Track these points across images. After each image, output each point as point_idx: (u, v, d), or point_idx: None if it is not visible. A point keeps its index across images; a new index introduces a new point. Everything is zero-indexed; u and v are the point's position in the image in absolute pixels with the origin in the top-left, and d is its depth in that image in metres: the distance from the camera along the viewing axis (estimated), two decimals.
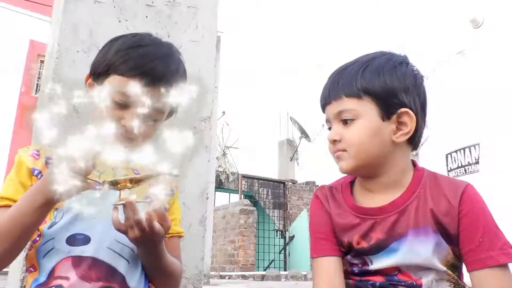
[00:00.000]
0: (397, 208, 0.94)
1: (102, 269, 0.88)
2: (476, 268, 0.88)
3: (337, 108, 0.95)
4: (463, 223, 0.90)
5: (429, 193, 0.94)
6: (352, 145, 0.93)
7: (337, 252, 0.99)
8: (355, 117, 0.93)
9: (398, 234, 0.93)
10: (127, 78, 0.91)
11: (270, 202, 13.47)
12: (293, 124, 15.45)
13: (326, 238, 1.00)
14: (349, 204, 1.00)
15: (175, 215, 1.09)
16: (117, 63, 0.93)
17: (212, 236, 9.00)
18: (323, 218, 1.02)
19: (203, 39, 1.52)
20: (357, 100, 0.93)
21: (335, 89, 0.97)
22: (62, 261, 0.87)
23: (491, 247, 0.88)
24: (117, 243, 0.91)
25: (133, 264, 0.92)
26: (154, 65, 0.94)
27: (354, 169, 0.96)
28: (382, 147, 0.93)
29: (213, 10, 1.58)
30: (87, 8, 1.33)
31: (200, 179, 1.42)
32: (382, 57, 0.98)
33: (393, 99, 0.93)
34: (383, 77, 0.94)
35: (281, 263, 12.94)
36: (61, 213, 0.90)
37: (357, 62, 0.98)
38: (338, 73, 0.99)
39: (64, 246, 0.88)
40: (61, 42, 1.27)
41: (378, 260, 0.95)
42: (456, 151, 3.36)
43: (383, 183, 0.97)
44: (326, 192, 1.06)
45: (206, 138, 1.48)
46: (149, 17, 1.43)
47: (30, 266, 0.91)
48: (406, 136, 0.94)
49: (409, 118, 0.93)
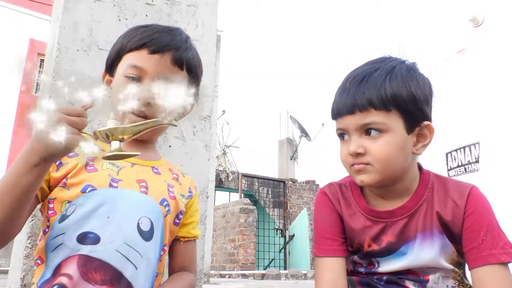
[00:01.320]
0: (408, 212, 0.94)
1: (107, 272, 0.84)
2: (477, 265, 0.89)
3: (363, 120, 0.89)
4: (467, 222, 0.92)
5: (436, 195, 0.95)
6: (380, 159, 0.89)
7: (343, 253, 0.98)
8: (383, 130, 0.89)
9: (408, 238, 0.93)
10: (134, 50, 0.94)
11: (270, 201, 13.47)
12: (293, 123, 15.44)
13: (332, 238, 0.98)
14: (360, 206, 0.98)
15: (194, 218, 1.06)
16: (125, 43, 0.97)
17: (212, 235, 9.00)
18: (331, 217, 1.00)
19: (203, 37, 1.52)
20: (386, 113, 0.89)
21: (361, 99, 0.89)
22: (70, 258, 0.84)
23: (493, 245, 0.89)
24: (126, 246, 0.87)
25: (140, 271, 0.88)
26: (159, 35, 0.96)
27: (377, 183, 0.92)
28: (405, 160, 0.92)
29: (213, 9, 1.58)
30: (87, 7, 1.33)
31: (200, 178, 1.42)
32: (401, 65, 0.94)
33: (418, 112, 0.91)
34: (409, 88, 0.90)
35: (281, 262, 12.95)
36: (73, 207, 0.87)
37: (379, 69, 0.92)
38: (361, 81, 0.92)
39: (74, 243, 0.85)
40: (61, 41, 1.27)
41: (387, 263, 0.95)
42: (456, 150, 3.36)
43: (395, 190, 0.96)
44: (335, 190, 1.03)
45: (206, 137, 1.48)
46: (149, 16, 1.43)
47: (38, 258, 0.89)
48: (425, 148, 0.93)
49: (429, 130, 0.93)
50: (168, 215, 0.96)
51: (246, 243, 11.24)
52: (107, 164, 0.93)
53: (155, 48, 0.93)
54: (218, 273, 9.87)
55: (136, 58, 0.93)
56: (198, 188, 1.42)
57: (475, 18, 3.27)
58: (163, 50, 0.94)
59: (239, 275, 9.56)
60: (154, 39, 0.94)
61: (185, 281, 1.01)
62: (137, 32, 0.97)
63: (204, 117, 1.48)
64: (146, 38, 0.94)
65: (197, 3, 1.54)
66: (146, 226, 0.91)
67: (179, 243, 1.04)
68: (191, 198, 1.06)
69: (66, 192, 0.88)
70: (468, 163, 3.13)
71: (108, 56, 1.01)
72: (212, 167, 7.39)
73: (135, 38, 0.95)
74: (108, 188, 0.90)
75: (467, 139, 3.17)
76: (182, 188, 1.04)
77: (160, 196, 0.95)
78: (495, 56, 3.03)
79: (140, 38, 0.95)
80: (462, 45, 3.36)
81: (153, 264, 0.92)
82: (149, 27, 0.99)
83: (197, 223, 1.08)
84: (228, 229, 11.95)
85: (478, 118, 3.07)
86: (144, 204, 0.92)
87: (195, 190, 1.09)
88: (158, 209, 0.94)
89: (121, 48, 0.97)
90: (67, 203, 0.88)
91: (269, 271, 9.21)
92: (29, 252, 1.14)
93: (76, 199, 0.88)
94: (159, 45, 0.94)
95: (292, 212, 13.32)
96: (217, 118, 9.72)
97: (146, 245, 0.90)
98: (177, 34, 0.99)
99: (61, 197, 0.88)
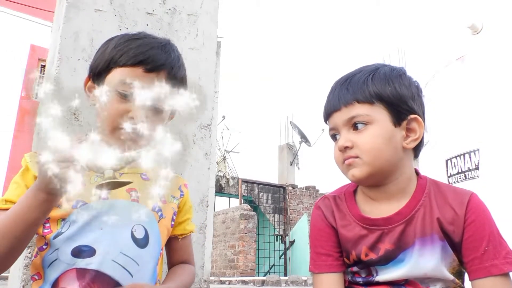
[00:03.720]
0: (404, 217, 0.93)
1: (105, 283, 0.86)
2: (480, 277, 0.88)
3: (348, 114, 0.94)
4: (468, 231, 0.90)
5: (434, 201, 0.94)
6: (366, 150, 0.91)
7: (338, 268, 0.97)
8: (368, 122, 0.92)
9: (406, 244, 0.92)
10: (129, 67, 0.92)
11: (270, 206, 13.44)
12: (293, 129, 15.43)
13: (327, 254, 0.98)
14: (355, 215, 0.98)
15: (188, 215, 1.09)
16: (117, 56, 0.93)
17: (212, 241, 8.97)
18: (325, 232, 1.00)
19: (203, 47, 1.53)
20: (370, 105, 0.92)
21: (345, 95, 0.95)
22: (67, 272, 0.86)
23: (495, 255, 0.88)
24: (122, 255, 0.89)
25: (138, 279, 0.90)
26: (154, 52, 0.94)
27: (367, 177, 0.93)
28: (394, 153, 0.92)
29: (213, 18, 1.59)
30: (88, 16, 1.34)
31: (200, 186, 1.43)
32: (384, 67, 0.98)
33: (403, 105, 0.93)
34: (393, 84, 0.94)
35: (281, 268, 12.89)
36: (67, 224, 0.89)
37: (362, 71, 0.98)
38: (345, 81, 0.98)
39: (68, 257, 0.86)
40: (62, 50, 1.28)
41: (385, 271, 0.94)
42: (456, 157, 3.36)
43: (389, 191, 0.95)
44: (329, 203, 1.03)
45: (206, 146, 1.48)
46: (149, 25, 1.43)
47: (35, 274, 0.90)
48: (415, 142, 0.94)
49: (418, 124, 0.94)
50: (162, 219, 0.98)
51: (246, 249, 11.20)
52: (94, 177, 0.93)
53: (151, 67, 0.92)
54: (218, 280, 9.82)
55: (130, 75, 0.91)
56: (198, 196, 1.42)
57: (474, 26, 3.28)
58: (159, 69, 0.93)
59: (239, 281, 9.52)
60: (150, 56, 0.93)
61: (186, 271, 1.04)
62: (131, 46, 0.94)
63: (204, 126, 1.48)
64: (141, 56, 0.92)
65: (198, 12, 1.55)
66: (140, 233, 0.92)
67: (177, 240, 1.07)
68: (182, 197, 1.07)
69: (58, 211, 0.90)
70: (468, 170, 3.13)
71: (95, 64, 0.98)
72: (212, 175, 7.38)
73: (130, 54, 0.93)
74: (99, 200, 0.91)
75: (467, 146, 3.18)
76: (173, 190, 1.06)
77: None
78: (494, 63, 3.04)
79: (135, 54, 0.92)
80: (461, 52, 3.37)
81: (151, 270, 0.93)
82: (142, 41, 0.96)
83: (191, 219, 1.10)
84: (228, 235, 11.91)
85: (478, 125, 3.07)
86: (136, 212, 0.94)
87: (186, 189, 1.10)
88: (151, 215, 0.96)
89: (112, 60, 0.94)
90: (62, 221, 0.90)
91: (269, 277, 9.16)
92: (28, 262, 1.14)
93: (69, 216, 0.89)
94: (155, 64, 0.93)
95: (292, 218, 13.28)
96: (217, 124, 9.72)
97: (141, 253, 0.91)
98: (171, 51, 0.98)
99: (54, 216, 0.90)
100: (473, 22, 3.24)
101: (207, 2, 1.58)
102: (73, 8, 1.32)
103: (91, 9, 1.35)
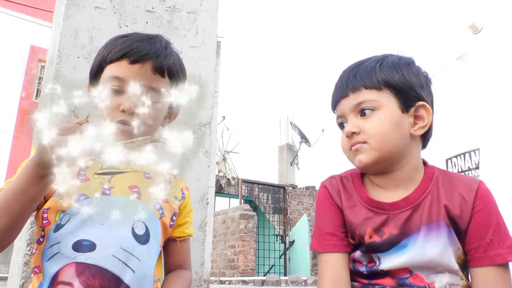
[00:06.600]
0: (411, 204, 0.92)
1: (106, 278, 0.85)
2: (482, 265, 0.88)
3: (356, 100, 0.94)
4: (476, 218, 0.90)
5: (442, 189, 0.93)
6: (374, 135, 0.90)
7: (343, 248, 0.96)
8: (375, 108, 0.92)
9: (410, 230, 0.91)
10: (115, 61, 0.94)
11: (270, 207, 13.43)
12: (293, 129, 15.42)
13: (332, 233, 0.97)
14: (362, 197, 0.97)
15: (188, 218, 1.09)
16: (106, 54, 0.97)
17: (212, 241, 8.97)
18: (331, 211, 0.99)
19: (203, 44, 1.53)
20: (377, 91, 0.92)
21: (353, 81, 0.95)
22: (66, 266, 0.85)
23: (499, 245, 0.88)
24: (123, 251, 0.88)
25: (139, 275, 0.89)
26: (139, 44, 0.96)
27: (374, 162, 0.92)
28: (402, 139, 0.92)
29: (213, 16, 1.58)
30: (88, 14, 1.34)
31: (200, 184, 1.42)
32: (392, 56, 0.98)
33: (411, 92, 0.93)
34: (401, 72, 0.94)
35: (281, 268, 12.88)
36: (67, 216, 0.89)
37: (370, 59, 0.98)
38: (353, 68, 0.98)
39: (69, 251, 0.86)
40: (61, 48, 1.28)
41: (388, 258, 0.92)
42: (456, 156, 3.36)
43: (396, 179, 0.95)
44: (336, 183, 1.02)
45: (206, 143, 1.48)
46: (149, 23, 1.43)
47: (36, 267, 0.90)
48: (423, 129, 0.94)
49: (426, 111, 0.94)
50: (163, 217, 0.99)
51: (246, 249, 11.19)
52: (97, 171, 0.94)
53: (134, 58, 0.94)
54: (218, 280, 9.82)
55: (116, 69, 0.94)
56: (198, 194, 1.42)
57: (474, 25, 3.28)
58: (143, 59, 0.94)
59: (239, 281, 9.51)
60: (133, 49, 0.94)
61: (183, 279, 1.03)
62: (117, 43, 0.97)
63: (204, 124, 1.48)
64: (125, 49, 0.94)
65: (197, 10, 1.54)
66: (141, 230, 0.92)
67: (175, 243, 1.07)
68: (184, 199, 1.08)
69: (60, 202, 0.90)
70: (468, 169, 3.13)
71: (91, 67, 1.01)
72: (212, 174, 7.38)
73: (115, 49, 0.95)
74: (101, 196, 0.92)
75: (467, 145, 3.18)
76: (175, 190, 1.06)
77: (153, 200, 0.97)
78: (494, 63, 3.04)
79: (120, 49, 0.95)
80: (461, 51, 3.37)
81: (151, 266, 0.94)
82: (128, 37, 0.99)
83: (190, 222, 1.10)
84: (228, 235, 11.91)
85: (478, 124, 3.07)
86: (138, 209, 0.94)
87: (187, 191, 1.11)
88: (152, 213, 0.96)
89: (102, 59, 0.97)
90: (61, 213, 0.90)
91: (269, 277, 9.16)
92: (28, 259, 1.13)
93: (70, 208, 0.89)
94: (139, 55, 0.94)
95: (292, 218, 13.28)
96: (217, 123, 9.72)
97: (142, 249, 0.91)
98: (157, 42, 0.99)
99: (55, 207, 0.90)
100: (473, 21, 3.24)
101: (207, 0, 1.58)
102: (72, 5, 1.32)
103: (91, 7, 1.35)
